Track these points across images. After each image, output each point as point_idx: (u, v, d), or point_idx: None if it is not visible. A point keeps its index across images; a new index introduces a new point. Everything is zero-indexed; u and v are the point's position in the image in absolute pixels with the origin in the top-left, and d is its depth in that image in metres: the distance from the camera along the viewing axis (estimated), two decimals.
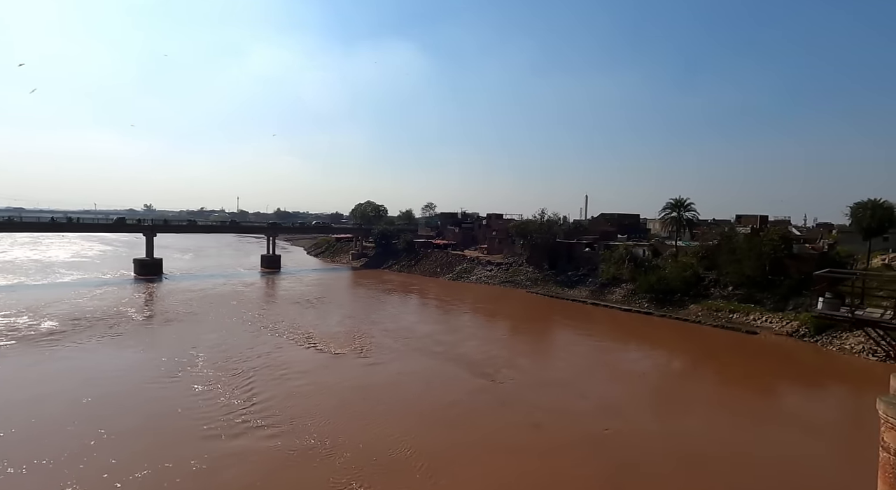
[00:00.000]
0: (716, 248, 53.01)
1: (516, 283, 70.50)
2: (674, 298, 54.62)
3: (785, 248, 49.00)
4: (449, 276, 77.69)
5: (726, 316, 48.65)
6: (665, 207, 60.07)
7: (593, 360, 34.68)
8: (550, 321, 49.79)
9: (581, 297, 60.48)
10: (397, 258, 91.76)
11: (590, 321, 49.94)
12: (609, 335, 44.45)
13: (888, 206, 47.60)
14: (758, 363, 35.79)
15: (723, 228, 55.09)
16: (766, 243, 49.57)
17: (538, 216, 73.72)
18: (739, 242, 51.94)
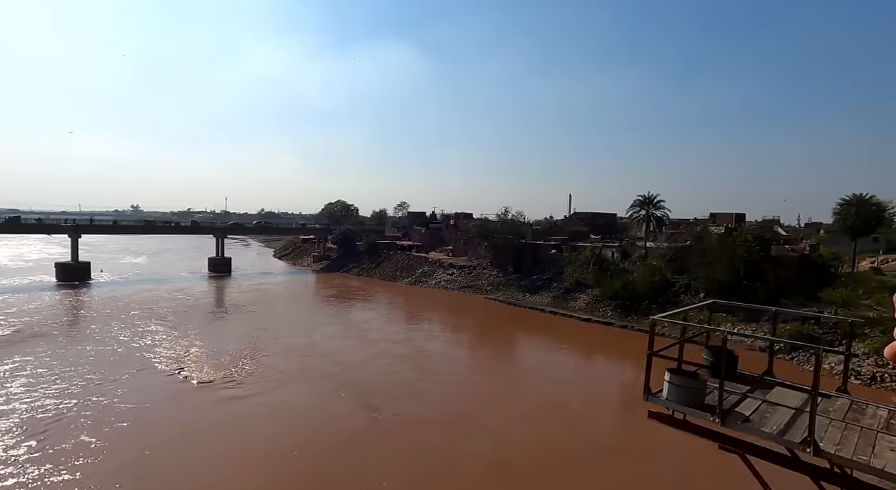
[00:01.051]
0: (685, 250, 47.37)
1: (476, 287, 64.75)
2: (640, 306, 48.91)
3: (760, 249, 43.37)
4: (408, 281, 71.90)
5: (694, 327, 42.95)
6: (633, 205, 54.44)
7: (517, 385, 28.96)
8: (494, 333, 44.11)
9: (541, 304, 54.75)
10: (359, 261, 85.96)
11: (540, 332, 44.28)
12: (553, 351, 38.83)
13: (875, 202, 41.98)
14: None
15: (695, 228, 49.43)
16: (740, 244, 43.94)
17: (501, 215, 68.01)
18: (711, 244, 46.32)
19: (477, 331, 44.68)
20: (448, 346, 36.65)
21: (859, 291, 39.60)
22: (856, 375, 30.23)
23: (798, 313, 41.52)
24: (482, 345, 38.48)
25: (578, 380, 30.51)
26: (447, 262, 73.84)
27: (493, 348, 38.29)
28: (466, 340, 39.88)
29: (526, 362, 34.91)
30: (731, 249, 43.99)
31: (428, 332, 41.78)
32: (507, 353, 38.51)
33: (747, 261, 43.55)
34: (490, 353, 36.22)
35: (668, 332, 42.55)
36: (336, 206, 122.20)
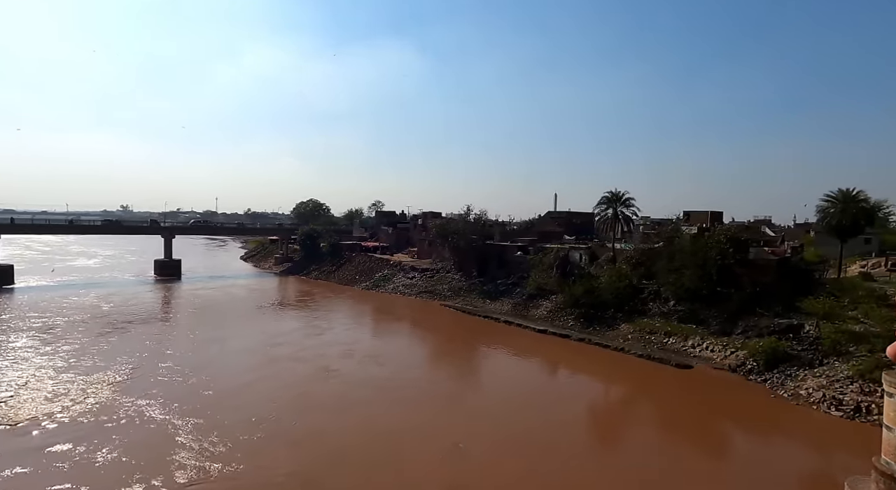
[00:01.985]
0: (653, 252, 42.36)
1: (435, 293, 59.66)
2: (605, 315, 43.94)
3: (735, 252, 38.37)
4: (365, 285, 66.82)
5: (660, 340, 37.98)
6: (600, 202, 49.39)
7: (423, 422, 23.85)
8: (429, 349, 39.02)
9: (500, 312, 49.72)
10: (321, 263, 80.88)
11: (487, 346, 39.27)
12: (490, 374, 33.80)
13: (864, 198, 37.03)
14: (680, 419, 25.24)
15: (666, 228, 44.41)
16: (713, 247, 38.95)
17: (463, 213, 62.94)
18: (682, 246, 41.30)
19: (409, 347, 39.41)
20: (363, 366, 31.46)
21: (845, 300, 34.65)
22: (836, 405, 25.20)
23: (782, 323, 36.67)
24: (406, 366, 33.29)
25: (502, 415, 25.40)
26: (409, 264, 68.76)
27: (418, 371, 33.11)
28: (389, 359, 34.59)
29: (448, 388, 29.72)
30: (703, 252, 39.00)
31: (350, 346, 36.63)
32: (433, 374, 33.25)
33: (720, 265, 38.56)
34: (413, 376, 30.98)
35: (630, 348, 37.43)
36: (307, 205, 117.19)
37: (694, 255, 39.24)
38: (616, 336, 40.30)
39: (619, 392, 31.69)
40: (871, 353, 27.96)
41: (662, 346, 37.33)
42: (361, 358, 33.60)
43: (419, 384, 29.46)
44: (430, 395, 27.41)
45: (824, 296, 33.73)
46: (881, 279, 40.23)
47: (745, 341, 34.39)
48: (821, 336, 31.40)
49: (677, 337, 37.53)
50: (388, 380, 29.37)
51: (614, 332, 41.22)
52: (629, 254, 44.95)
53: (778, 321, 35.09)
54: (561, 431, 22.80)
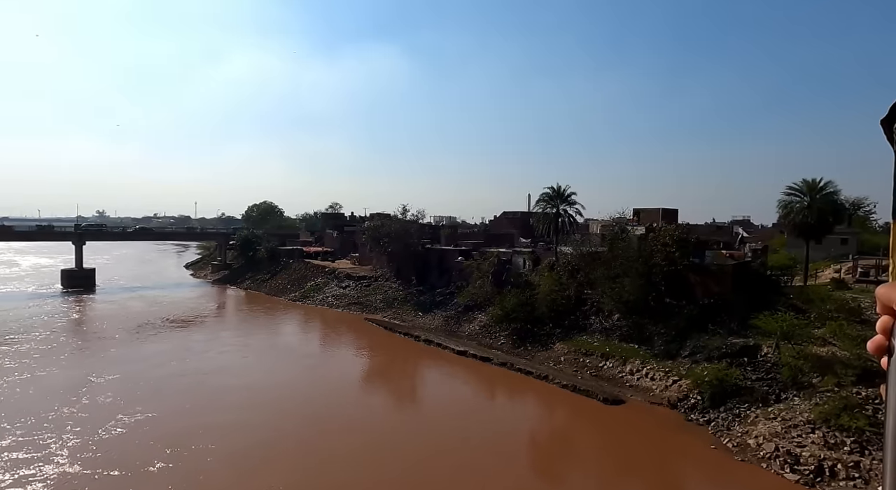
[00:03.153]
0: (592, 257, 36.15)
1: (366, 304, 52.96)
2: (541, 331, 37.68)
3: (682, 256, 32.28)
4: (293, 296, 59.90)
5: (596, 363, 31.71)
6: (539, 200, 43.12)
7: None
8: (308, 380, 32.22)
9: (427, 328, 43.26)
10: (257, 271, 73.77)
11: (387, 375, 32.72)
12: (346, 416, 27.16)
13: (832, 190, 31.16)
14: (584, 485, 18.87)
15: (612, 230, 38.16)
16: (658, 250, 32.83)
17: (398, 214, 56.45)
18: (626, 250, 35.09)
19: (286, 375, 32.16)
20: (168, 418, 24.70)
21: (811, 315, 28.67)
22: (792, 464, 18.98)
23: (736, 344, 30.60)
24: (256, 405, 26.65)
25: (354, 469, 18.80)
26: (347, 272, 61.93)
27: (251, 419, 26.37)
28: (230, 403, 27.67)
29: (290, 448, 23.13)
30: (646, 257, 32.85)
31: (215, 375, 29.84)
32: (285, 421, 26.45)
33: (667, 272, 32.45)
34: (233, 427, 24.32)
35: (555, 376, 30.82)
36: (259, 208, 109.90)
37: (636, 260, 33.08)
38: (547, 358, 33.99)
39: (519, 442, 24.09)
40: (838, 387, 21.89)
41: (597, 371, 31.06)
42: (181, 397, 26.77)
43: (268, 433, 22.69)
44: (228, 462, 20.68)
45: (783, 310, 27.70)
46: (857, 288, 34.44)
47: (691, 367, 28.24)
48: (780, 361, 25.36)
49: (615, 360, 31.30)
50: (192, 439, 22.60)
51: (547, 352, 34.92)
52: (566, 259, 38.65)
53: (732, 341, 29.04)
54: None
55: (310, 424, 23.49)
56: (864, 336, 24.60)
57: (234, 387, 28.06)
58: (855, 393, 21.29)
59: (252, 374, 30.84)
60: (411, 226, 54.07)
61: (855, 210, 77.05)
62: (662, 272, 32.54)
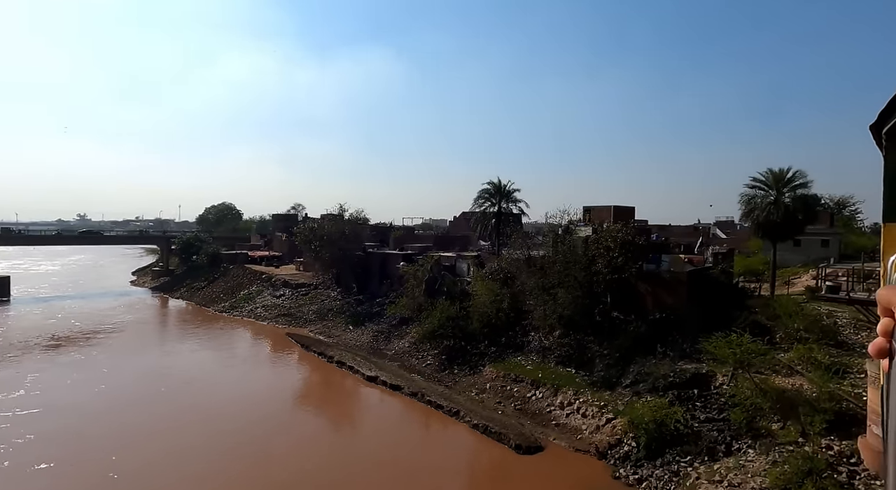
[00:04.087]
0: (528, 263, 30.74)
1: (297, 316, 47.31)
2: (475, 350, 32.28)
3: (628, 262, 26.98)
4: (223, 306, 54.07)
5: (524, 393, 26.28)
6: (478, 197, 37.77)
7: None
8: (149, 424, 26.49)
9: (352, 344, 37.81)
10: (196, 277, 67.86)
11: (279, 409, 27.00)
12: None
13: (801, 182, 26.03)
14: None
15: (555, 231, 32.75)
16: (601, 255, 27.50)
17: (336, 214, 50.96)
18: (567, 254, 29.64)
19: (124, 409, 25.89)
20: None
21: (777, 334, 23.42)
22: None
23: (687, 371, 25.21)
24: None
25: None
26: (285, 279, 56.17)
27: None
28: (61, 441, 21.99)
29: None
30: (586, 264, 27.51)
31: (38, 416, 24.00)
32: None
33: (609, 281, 27.15)
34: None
35: (466, 413, 24.23)
36: (216, 209, 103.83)
37: (574, 266, 27.69)
38: (472, 385, 28.53)
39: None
40: (803, 437, 16.62)
41: (524, 402, 25.64)
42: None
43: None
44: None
45: (743, 329, 22.38)
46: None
47: (631, 400, 22.89)
48: (736, 395, 20.04)
49: (547, 389, 25.88)
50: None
51: (474, 377, 29.47)
52: (500, 266, 33.27)
53: (682, 367, 23.74)
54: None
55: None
56: (840, 364, 19.41)
57: (46, 433, 22.20)
58: (825, 447, 16.01)
59: (82, 410, 24.82)
60: (348, 227, 48.38)
61: (839, 209, 72.54)
62: (605, 281, 27.25)
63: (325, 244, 47.48)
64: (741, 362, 20.00)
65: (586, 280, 27.67)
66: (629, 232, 27.57)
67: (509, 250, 33.01)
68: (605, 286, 27.50)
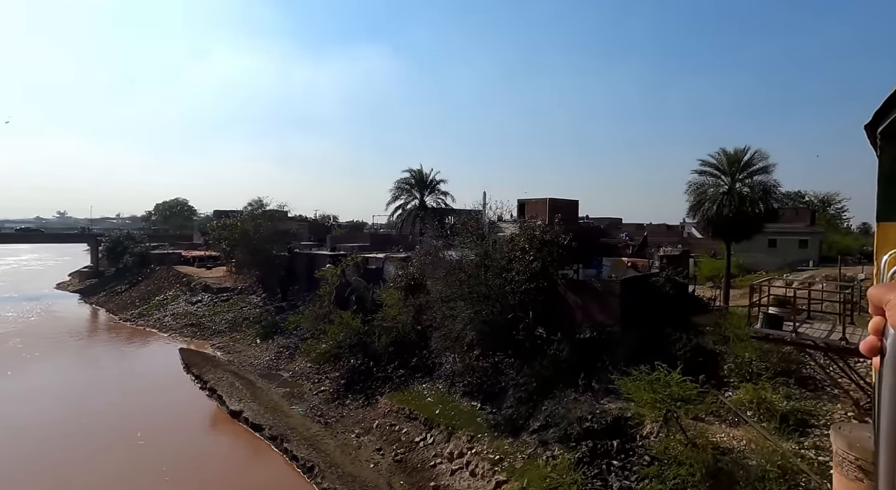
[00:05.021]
0: (435, 268, 25.04)
1: (205, 327, 41.42)
2: (380, 373, 26.68)
3: (549, 268, 21.44)
4: (133, 313, 48.00)
5: (412, 436, 20.65)
6: (397, 188, 32.07)
7: None
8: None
9: (252, 363, 32.02)
10: (121, 278, 61.76)
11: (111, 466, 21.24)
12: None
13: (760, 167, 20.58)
14: None
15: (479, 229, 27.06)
16: (517, 259, 21.92)
17: (253, 209, 45.18)
18: (483, 257, 23.96)
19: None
20: None
21: (725, 365, 17.89)
22: None
23: (609, 413, 19.52)
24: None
25: None
26: (207, 282, 50.20)
27: None
28: None
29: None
30: (498, 270, 21.91)
31: None
32: None
33: (526, 291, 21.58)
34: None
35: (330, 468, 18.20)
36: (166, 205, 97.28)
37: (487, 271, 22.09)
38: (360, 421, 22.89)
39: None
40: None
41: (410, 449, 20.00)
42: None
43: None
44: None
45: (682, 355, 16.88)
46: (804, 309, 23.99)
47: (535, 452, 17.36)
48: (667, 450, 14.54)
49: (440, 431, 20.25)
50: None
51: (366, 411, 23.83)
52: (398, 272, 27.63)
53: (604, 406, 18.21)
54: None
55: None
56: (802, 413, 13.98)
57: None
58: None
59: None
60: (263, 223, 42.50)
61: (824, 207, 67.67)
62: (521, 291, 21.68)
63: (238, 243, 41.60)
64: (667, 415, 14.45)
65: (499, 290, 22.11)
66: (551, 230, 22.00)
67: (419, 252, 27.33)
68: (523, 297, 21.92)
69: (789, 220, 45.32)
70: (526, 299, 22.04)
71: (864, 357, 2.76)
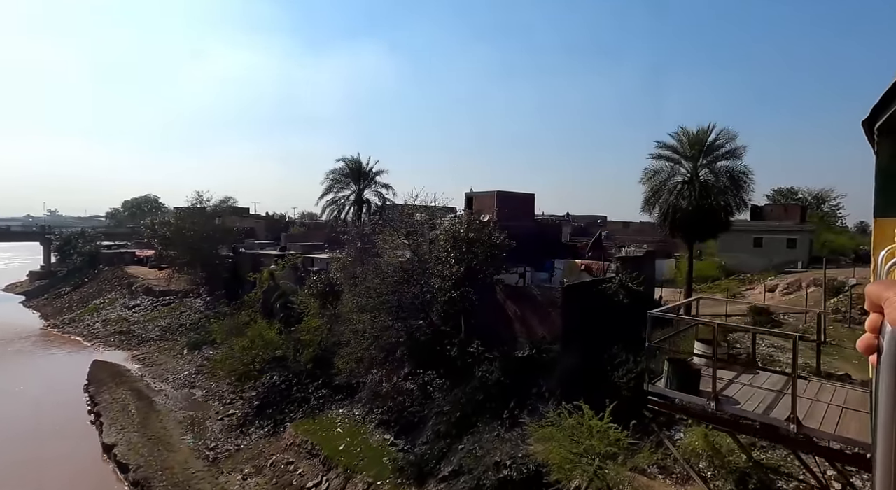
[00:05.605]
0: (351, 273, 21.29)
1: (136, 336, 37.64)
2: (302, 393, 23.04)
3: (477, 270, 17.76)
4: (70, 316, 44.18)
5: (305, 480, 16.94)
6: (331, 178, 28.27)
7: None
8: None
9: (162, 379, 28.28)
10: (69, 279, 58.00)
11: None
12: None
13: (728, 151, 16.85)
14: None
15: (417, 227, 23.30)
16: (440, 261, 18.20)
17: (193, 203, 41.51)
18: (419, 259, 20.21)
19: None
20: None
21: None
22: None
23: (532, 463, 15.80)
24: None
25: None
26: (149, 285, 46.35)
27: None
28: None
29: None
30: (417, 274, 18.20)
31: None
32: None
33: (449, 301, 17.89)
34: None
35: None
36: (135, 202, 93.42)
37: (411, 277, 18.39)
38: (253, 457, 19.21)
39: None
40: None
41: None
42: None
43: None
44: None
45: (624, 384, 13.23)
46: (786, 320, 20.31)
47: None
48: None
49: (338, 475, 16.56)
50: None
51: (268, 442, 20.19)
52: (314, 278, 23.87)
53: (528, 449, 14.52)
54: None
55: None
56: (764, 469, 10.29)
57: None
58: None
59: None
60: (199, 220, 38.70)
61: (818, 204, 64.21)
62: (444, 300, 17.98)
63: (173, 242, 37.85)
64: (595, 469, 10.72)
65: (418, 299, 18.42)
66: (478, 226, 18.29)
67: (341, 251, 23.58)
68: (447, 307, 18.23)
69: (778, 217, 41.74)
70: (451, 310, 18.34)
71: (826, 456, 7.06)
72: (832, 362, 15.78)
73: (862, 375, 14.45)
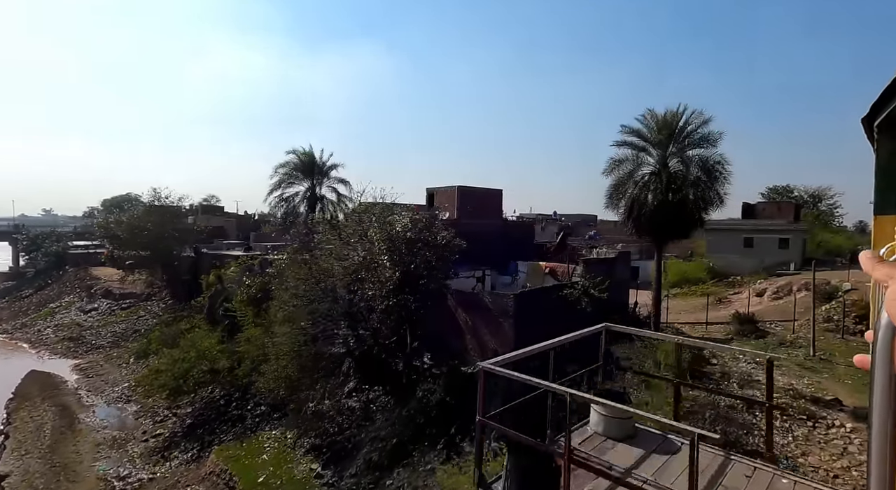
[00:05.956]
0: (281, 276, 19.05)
1: (85, 343, 35.32)
2: (240, 410, 20.85)
3: (422, 276, 15.50)
4: (19, 323, 41.81)
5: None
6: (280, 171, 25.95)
7: None
8: None
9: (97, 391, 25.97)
10: (35, 281, 55.63)
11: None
12: None
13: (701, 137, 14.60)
14: None
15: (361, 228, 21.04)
16: (376, 267, 15.93)
17: (151, 200, 39.33)
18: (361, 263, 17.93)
19: None
20: None
21: None
22: None
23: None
24: None
25: None
26: (109, 287, 44.05)
27: None
28: None
29: None
30: (349, 280, 15.99)
31: None
32: None
33: (386, 310, 15.64)
34: None
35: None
36: (116, 201, 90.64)
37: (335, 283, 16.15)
38: (167, 486, 16.87)
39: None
40: None
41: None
42: None
43: None
44: None
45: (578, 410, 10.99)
46: (772, 330, 18.11)
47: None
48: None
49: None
50: None
51: (187, 469, 17.96)
52: (247, 282, 21.62)
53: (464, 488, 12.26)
54: None
55: None
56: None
57: None
58: None
59: None
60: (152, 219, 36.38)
61: (815, 202, 62.12)
62: (380, 309, 15.74)
63: (126, 241, 35.57)
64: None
65: (356, 305, 16.19)
66: (422, 225, 16.02)
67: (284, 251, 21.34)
68: (384, 316, 15.99)
69: (770, 215, 39.58)
70: (388, 320, 16.10)
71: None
72: (820, 382, 13.55)
73: (854, 400, 12.21)
